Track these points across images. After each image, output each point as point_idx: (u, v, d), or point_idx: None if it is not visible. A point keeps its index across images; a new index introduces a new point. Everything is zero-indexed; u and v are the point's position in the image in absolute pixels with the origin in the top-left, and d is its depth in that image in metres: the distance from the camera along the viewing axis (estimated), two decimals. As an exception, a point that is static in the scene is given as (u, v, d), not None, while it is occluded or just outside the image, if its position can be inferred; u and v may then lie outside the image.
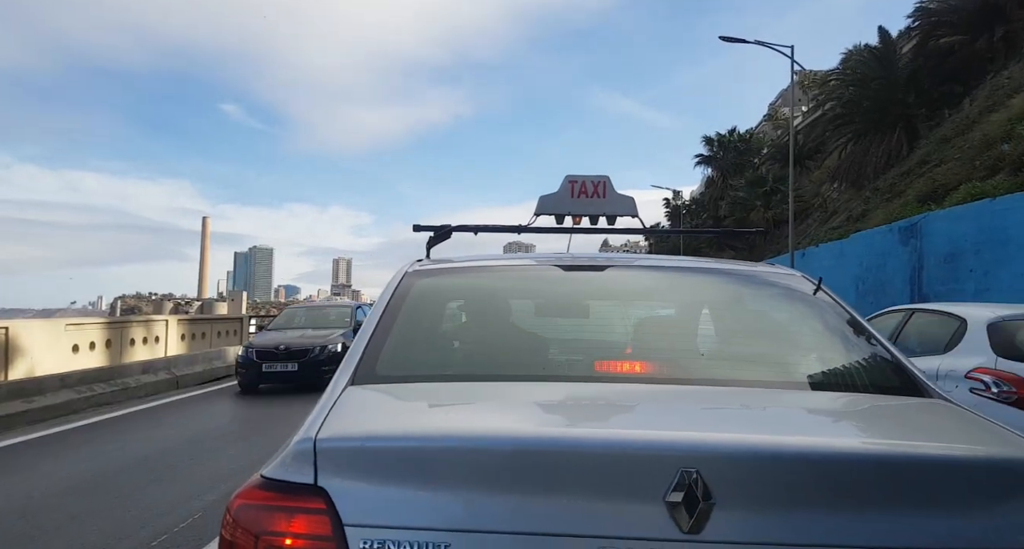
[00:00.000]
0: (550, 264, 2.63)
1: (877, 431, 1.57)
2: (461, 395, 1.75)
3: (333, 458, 1.31)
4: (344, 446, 1.34)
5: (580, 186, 3.04)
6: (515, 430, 1.41)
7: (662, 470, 1.21)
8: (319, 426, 1.39)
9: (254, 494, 1.34)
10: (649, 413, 1.63)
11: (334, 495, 1.27)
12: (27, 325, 12.08)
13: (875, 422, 1.63)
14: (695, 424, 1.50)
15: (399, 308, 2.09)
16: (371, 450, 1.33)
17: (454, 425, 1.49)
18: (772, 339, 2.17)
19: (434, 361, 2.08)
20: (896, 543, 1.20)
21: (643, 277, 2.57)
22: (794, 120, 33.33)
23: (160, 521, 4.73)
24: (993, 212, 11.85)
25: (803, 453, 1.25)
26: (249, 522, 1.31)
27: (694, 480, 1.20)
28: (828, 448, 1.29)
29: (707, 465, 1.21)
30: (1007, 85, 21.00)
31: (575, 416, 1.63)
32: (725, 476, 1.21)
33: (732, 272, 2.58)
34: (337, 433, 1.37)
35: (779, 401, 1.71)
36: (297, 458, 1.33)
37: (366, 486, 1.27)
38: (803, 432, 1.47)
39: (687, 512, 1.19)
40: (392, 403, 1.70)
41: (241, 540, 1.32)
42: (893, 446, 1.35)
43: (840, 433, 1.54)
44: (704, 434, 1.32)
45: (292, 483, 1.31)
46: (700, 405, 1.66)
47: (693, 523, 1.19)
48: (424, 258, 2.68)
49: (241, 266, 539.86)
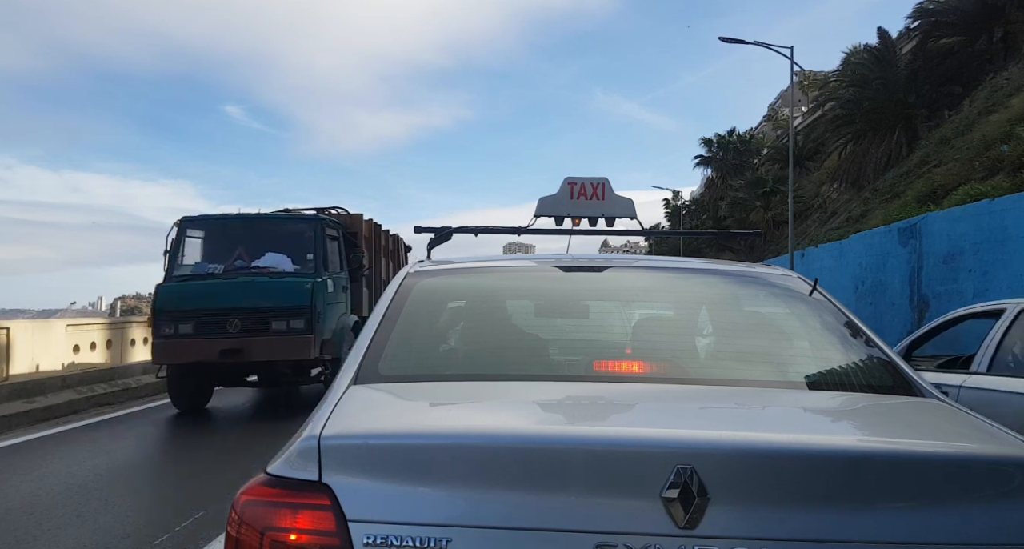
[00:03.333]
0: (550, 265, 2.66)
1: (871, 429, 1.60)
2: (462, 394, 1.78)
3: (337, 455, 1.33)
4: (348, 443, 1.37)
5: (579, 188, 3.07)
6: (515, 428, 1.45)
7: (659, 467, 1.24)
8: (323, 424, 1.42)
9: (259, 491, 1.36)
10: (646, 411, 1.66)
11: (338, 491, 1.30)
12: (28, 326, 12.12)
13: (869, 421, 1.66)
14: (691, 422, 1.54)
15: (401, 308, 2.12)
16: (374, 447, 1.36)
17: (455, 423, 1.52)
18: (768, 339, 2.19)
19: (435, 361, 2.11)
20: (889, 538, 1.23)
21: (642, 278, 2.60)
22: (794, 121, 33.36)
23: (162, 520, 4.75)
24: (992, 213, 11.88)
25: (797, 451, 1.28)
26: (254, 518, 1.33)
27: (690, 477, 1.23)
28: (822, 446, 1.32)
29: (703, 462, 1.24)
30: (1006, 86, 21.03)
31: (574, 415, 1.65)
32: (720, 473, 1.24)
33: (730, 273, 2.61)
34: (341, 431, 1.40)
35: (775, 400, 1.74)
36: (302, 455, 1.35)
37: (369, 483, 1.30)
38: (797, 430, 1.50)
39: (683, 508, 1.22)
40: (394, 402, 1.74)
41: (246, 536, 1.34)
42: (886, 444, 1.39)
43: (834, 431, 1.58)
44: (700, 432, 1.36)
45: (297, 480, 1.33)
46: (697, 404, 1.69)
47: (689, 519, 1.22)
48: (425, 259, 2.70)
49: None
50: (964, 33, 25.05)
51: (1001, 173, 15.44)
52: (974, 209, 12.56)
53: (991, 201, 12.18)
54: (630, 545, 1.22)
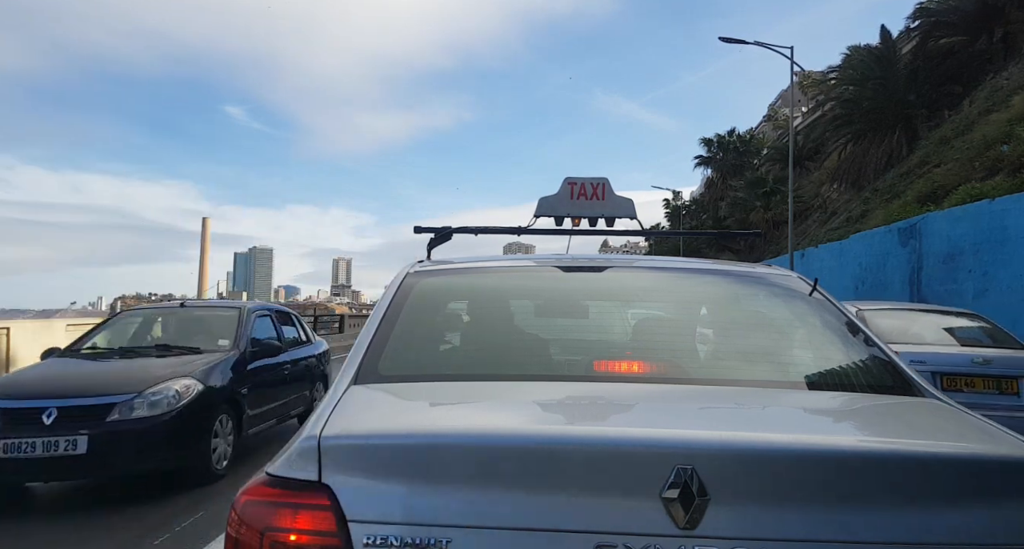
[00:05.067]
0: (550, 265, 2.66)
1: (871, 429, 1.60)
2: (462, 394, 1.78)
3: (337, 455, 1.33)
4: (347, 443, 1.37)
5: (579, 188, 3.08)
6: (515, 428, 1.44)
7: (658, 467, 1.25)
8: (323, 424, 1.42)
9: (259, 491, 1.36)
10: (646, 412, 1.66)
11: (338, 491, 1.30)
12: (28, 326, 12.11)
13: (869, 421, 1.66)
14: (691, 422, 1.53)
15: (400, 309, 2.12)
16: (374, 447, 1.36)
17: (455, 423, 1.51)
18: (768, 339, 2.18)
19: (435, 361, 2.11)
20: (888, 538, 1.23)
21: (641, 278, 2.60)
22: (794, 121, 33.35)
23: (162, 520, 4.76)
24: (992, 213, 11.89)
25: (797, 451, 1.28)
26: (254, 519, 1.34)
27: (690, 477, 1.23)
28: (822, 446, 1.31)
29: (702, 462, 1.24)
30: (1006, 86, 21.02)
31: (574, 415, 1.65)
32: (720, 473, 1.24)
33: (729, 273, 2.61)
34: (340, 431, 1.40)
35: (775, 400, 1.73)
36: (302, 456, 1.35)
37: (369, 482, 1.30)
38: (797, 430, 1.49)
39: (683, 508, 1.22)
40: (394, 402, 1.73)
41: (246, 537, 1.34)
42: (886, 444, 1.38)
43: (834, 431, 1.57)
44: (700, 432, 1.35)
45: (297, 480, 1.33)
46: (696, 404, 1.69)
47: (689, 519, 1.22)
48: (425, 259, 2.71)
49: (241, 267, 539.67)
50: (964, 33, 25.05)
51: (1001, 173, 15.43)
52: (974, 209, 12.56)
53: (991, 201, 12.18)
54: (630, 545, 1.22)
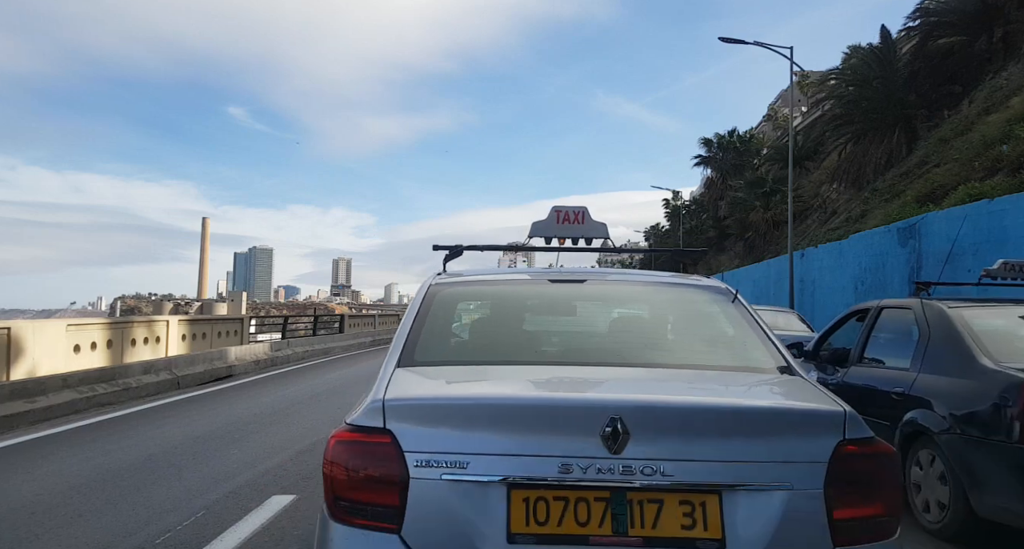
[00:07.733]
0: (542, 277, 3.51)
1: (739, 394, 2.34)
2: (475, 373, 2.58)
3: (394, 411, 2.05)
4: (401, 404, 2.09)
5: (564, 214, 3.80)
6: (511, 394, 2.28)
7: (600, 418, 1.97)
8: (384, 391, 2.14)
9: (344, 435, 2.07)
10: (597, 384, 2.45)
11: (396, 433, 2.01)
12: (29, 326, 12.10)
13: (742, 389, 2.41)
14: (623, 390, 2.33)
15: (428, 311, 2.85)
16: (419, 405, 2.13)
17: (471, 391, 2.37)
18: (692, 333, 3.01)
19: (455, 350, 2.97)
20: (734, 458, 1.96)
21: (610, 287, 3.50)
22: (793, 121, 33.35)
23: (163, 519, 4.78)
24: (991, 213, 11.88)
25: (682, 407, 2.07)
26: (340, 453, 2.05)
27: (619, 423, 1.96)
28: (703, 403, 2.12)
29: (626, 413, 1.97)
30: (1006, 86, 21.04)
31: (552, 386, 2.42)
32: (636, 420, 1.97)
33: (676, 283, 3.32)
34: (396, 396, 2.13)
35: (687, 377, 2.51)
36: (372, 411, 2.06)
37: (416, 428, 2.02)
38: (686, 394, 2.26)
39: (613, 441, 1.95)
40: (428, 379, 2.46)
41: (336, 468, 2.04)
42: (743, 402, 2.19)
43: (714, 395, 2.28)
44: (625, 395, 2.13)
45: (369, 427, 2.04)
46: (633, 378, 2.50)
47: (616, 447, 1.95)
48: (443, 272, 3.38)
49: (241, 267, 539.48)
50: (964, 33, 25.06)
51: (1000, 173, 15.45)
52: (973, 209, 12.55)
53: (990, 201, 12.17)
54: (581, 465, 1.95)
